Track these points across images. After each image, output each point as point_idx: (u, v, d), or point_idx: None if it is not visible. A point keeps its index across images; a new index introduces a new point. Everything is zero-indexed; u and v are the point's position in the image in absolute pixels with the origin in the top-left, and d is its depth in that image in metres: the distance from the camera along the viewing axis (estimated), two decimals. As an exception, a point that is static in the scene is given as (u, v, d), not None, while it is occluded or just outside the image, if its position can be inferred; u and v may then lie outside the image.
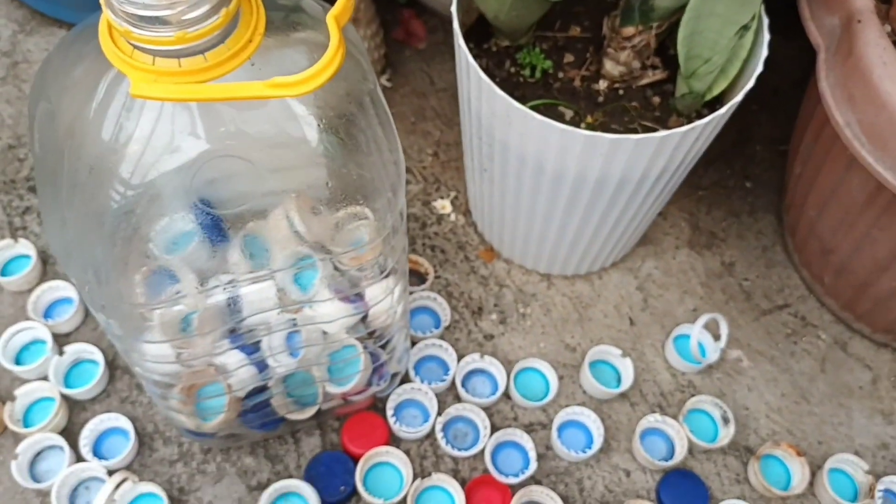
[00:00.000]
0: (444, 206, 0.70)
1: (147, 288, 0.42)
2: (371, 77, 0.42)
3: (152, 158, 0.37)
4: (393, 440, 0.60)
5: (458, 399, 0.61)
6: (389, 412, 0.59)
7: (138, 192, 0.38)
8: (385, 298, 0.50)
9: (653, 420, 0.60)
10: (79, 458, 0.58)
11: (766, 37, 0.53)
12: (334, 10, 0.33)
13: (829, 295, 0.66)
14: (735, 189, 0.73)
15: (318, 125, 0.39)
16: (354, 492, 0.57)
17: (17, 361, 0.61)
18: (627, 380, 0.62)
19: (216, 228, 0.41)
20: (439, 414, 0.60)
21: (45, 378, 0.60)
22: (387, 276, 0.49)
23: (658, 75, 0.58)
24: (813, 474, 0.59)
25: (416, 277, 0.66)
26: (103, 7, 0.33)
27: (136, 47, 0.33)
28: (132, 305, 0.43)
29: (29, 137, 0.45)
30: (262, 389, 0.52)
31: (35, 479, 0.57)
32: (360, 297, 0.49)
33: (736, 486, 0.60)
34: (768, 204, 0.73)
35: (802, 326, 0.67)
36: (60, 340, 0.62)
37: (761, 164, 0.75)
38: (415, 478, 0.57)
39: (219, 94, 0.33)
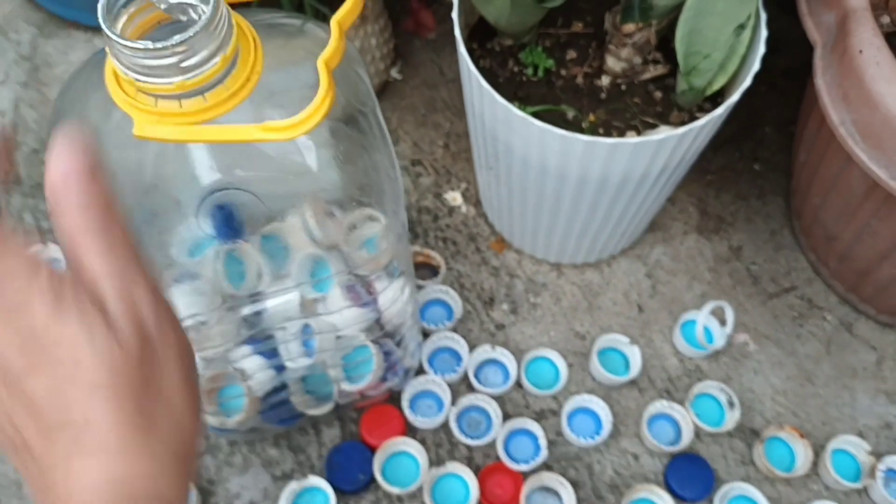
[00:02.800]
0: (454, 197, 0.72)
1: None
2: (371, 98, 0.44)
3: (172, 183, 0.40)
4: (409, 430, 0.62)
5: (471, 389, 0.63)
6: (405, 403, 0.62)
7: (159, 198, 0.40)
8: (397, 301, 0.52)
9: (660, 406, 0.62)
10: (112, 453, 0.61)
11: (764, 34, 0.54)
12: (325, 53, 0.34)
13: (835, 278, 0.67)
14: (744, 172, 0.74)
15: (316, 142, 0.41)
16: (373, 480, 0.60)
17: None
18: (635, 367, 0.63)
19: (232, 232, 0.43)
20: (453, 404, 0.62)
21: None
22: (397, 279, 0.51)
23: (660, 70, 0.59)
24: (816, 455, 0.61)
25: (429, 270, 0.68)
26: (109, 56, 0.35)
27: (139, 90, 0.35)
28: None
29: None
30: (280, 389, 0.55)
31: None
32: (374, 301, 0.51)
33: (741, 468, 0.61)
34: (777, 187, 0.73)
35: (809, 309, 0.68)
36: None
37: (771, 146, 0.75)
38: (430, 466, 0.60)
39: (216, 137, 0.35)
